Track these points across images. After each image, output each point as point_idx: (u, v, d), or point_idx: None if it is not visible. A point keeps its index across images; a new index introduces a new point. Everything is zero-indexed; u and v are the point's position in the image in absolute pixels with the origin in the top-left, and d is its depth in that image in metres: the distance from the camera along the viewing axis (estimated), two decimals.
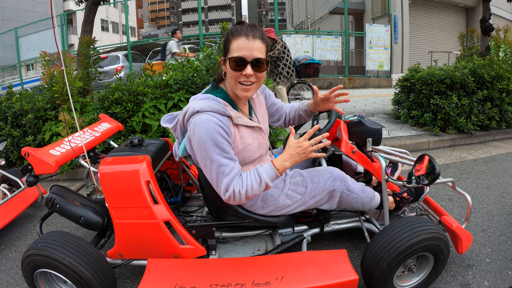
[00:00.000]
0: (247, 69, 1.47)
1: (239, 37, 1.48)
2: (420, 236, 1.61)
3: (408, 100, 5.21)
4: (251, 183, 1.47)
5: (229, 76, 1.54)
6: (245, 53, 1.46)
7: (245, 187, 1.47)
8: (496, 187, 3.25)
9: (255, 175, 1.48)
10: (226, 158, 1.47)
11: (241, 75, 1.49)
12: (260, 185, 1.47)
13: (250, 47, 1.47)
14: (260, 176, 1.47)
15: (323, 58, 11.45)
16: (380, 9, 12.96)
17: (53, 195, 1.95)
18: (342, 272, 1.55)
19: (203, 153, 1.46)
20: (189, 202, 2.37)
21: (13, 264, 2.36)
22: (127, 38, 11.58)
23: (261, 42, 1.50)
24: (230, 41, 1.51)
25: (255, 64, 1.48)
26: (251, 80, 1.50)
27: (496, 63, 4.89)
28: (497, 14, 13.67)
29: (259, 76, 1.52)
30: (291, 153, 1.50)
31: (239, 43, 1.47)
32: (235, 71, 1.49)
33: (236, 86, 1.53)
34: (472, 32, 7.46)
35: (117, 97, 3.78)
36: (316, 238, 2.36)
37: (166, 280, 1.56)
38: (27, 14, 22.14)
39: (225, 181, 1.47)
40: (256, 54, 1.47)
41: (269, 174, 1.48)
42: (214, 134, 1.45)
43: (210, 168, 1.48)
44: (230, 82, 1.55)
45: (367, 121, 1.98)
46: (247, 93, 1.54)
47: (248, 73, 1.48)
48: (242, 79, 1.50)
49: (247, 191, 1.47)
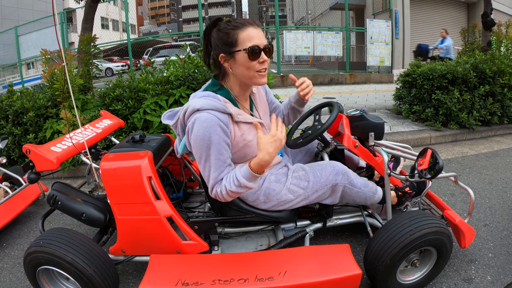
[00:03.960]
0: (263, 56, 1.51)
1: (246, 28, 1.50)
2: (423, 231, 1.61)
3: (410, 95, 5.19)
4: (230, 185, 1.48)
5: (243, 68, 1.53)
6: (258, 41, 1.50)
7: (225, 189, 1.49)
8: (498, 182, 3.24)
9: (234, 178, 1.47)
10: (219, 160, 1.50)
11: (257, 63, 1.52)
12: (239, 187, 1.46)
13: (260, 35, 1.52)
14: (237, 178, 1.46)
15: (324, 53, 11.44)
16: (381, 4, 12.93)
17: (55, 192, 1.94)
18: (345, 266, 1.55)
19: (199, 150, 1.50)
20: (191, 198, 2.37)
21: (16, 262, 2.36)
22: (127, 35, 11.56)
23: (262, 30, 1.56)
24: (235, 34, 1.50)
25: (267, 50, 1.53)
26: (265, 66, 1.54)
27: (498, 58, 4.86)
28: (499, 9, 13.59)
29: (268, 61, 1.57)
30: (270, 151, 1.40)
31: (249, 33, 1.49)
32: (252, 61, 1.50)
33: (254, 75, 1.55)
34: (474, 27, 7.42)
35: (118, 94, 3.77)
36: (319, 233, 2.36)
37: (168, 276, 1.56)
38: (27, 12, 22.09)
39: (213, 182, 1.53)
40: (264, 40, 1.53)
41: (245, 176, 1.44)
42: (213, 133, 1.46)
43: (204, 165, 1.52)
44: (244, 73, 1.55)
45: (369, 116, 1.97)
46: (264, 79, 1.58)
47: (265, 59, 1.52)
48: (259, 67, 1.53)
49: (228, 192, 1.49)
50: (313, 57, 15.50)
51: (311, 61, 16.91)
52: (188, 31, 28.79)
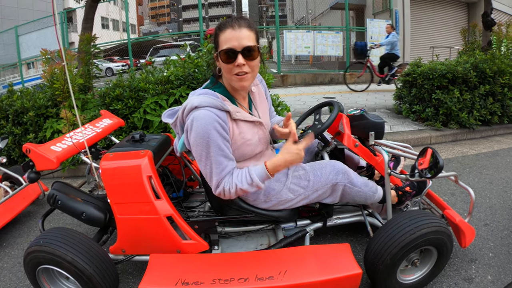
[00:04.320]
0: (238, 59, 1.45)
1: (226, 30, 1.48)
2: (424, 230, 1.61)
3: (410, 95, 5.18)
4: (241, 183, 1.49)
5: (223, 70, 1.54)
6: (234, 44, 1.45)
7: (235, 186, 1.49)
8: (498, 181, 3.23)
9: (247, 176, 1.50)
10: (221, 155, 1.49)
11: (234, 66, 1.47)
12: (251, 186, 1.50)
13: (237, 36, 1.45)
14: (251, 177, 1.49)
15: (324, 53, 11.43)
16: (381, 4, 12.93)
17: (55, 191, 1.94)
18: (345, 266, 1.54)
19: (199, 148, 1.48)
20: (191, 197, 2.37)
21: (16, 261, 2.36)
22: (127, 35, 11.56)
23: (249, 30, 1.48)
24: (218, 36, 1.51)
25: (246, 53, 1.46)
26: (244, 70, 1.48)
27: (498, 58, 4.85)
28: (499, 9, 13.58)
29: (252, 64, 1.50)
30: (288, 160, 1.48)
31: (226, 35, 1.47)
32: (227, 64, 1.48)
33: (232, 79, 1.52)
34: (474, 27, 7.41)
35: (118, 93, 3.77)
36: (319, 232, 2.35)
37: (168, 276, 1.56)
38: (27, 12, 22.09)
39: (217, 178, 1.51)
40: (245, 42, 1.45)
41: (260, 176, 1.50)
42: (212, 130, 1.45)
43: (205, 163, 1.50)
44: (226, 75, 1.55)
45: (369, 115, 1.97)
46: (243, 83, 1.52)
47: (240, 63, 1.45)
48: (236, 71, 1.48)
49: (237, 190, 1.50)
50: (313, 57, 15.50)
51: (311, 61, 16.91)
52: (188, 31, 28.82)
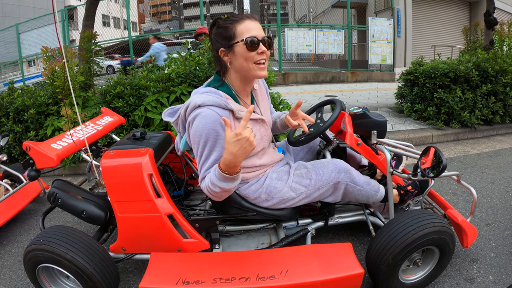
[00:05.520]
0: (261, 47, 1.52)
1: (243, 21, 1.53)
2: (426, 230, 1.60)
3: (412, 93, 5.17)
4: (208, 183, 1.46)
5: (242, 60, 1.54)
6: (256, 33, 1.52)
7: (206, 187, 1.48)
8: (500, 181, 3.22)
9: (211, 176, 1.45)
10: (216, 153, 1.49)
11: (256, 54, 1.52)
12: (215, 187, 1.42)
13: (258, 27, 1.54)
14: (211, 178, 1.44)
15: (326, 51, 11.41)
16: (383, 2, 12.87)
17: (55, 189, 1.93)
18: (347, 265, 1.53)
19: (195, 145, 1.51)
20: (192, 196, 2.36)
21: (16, 260, 2.36)
22: (128, 33, 11.56)
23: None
24: (233, 28, 1.53)
25: (265, 41, 1.54)
26: (264, 57, 1.55)
27: (500, 57, 4.84)
28: (501, 8, 13.54)
29: (268, 54, 1.57)
30: (232, 151, 1.31)
31: (247, 25, 1.52)
32: (251, 51, 1.51)
33: (252, 68, 1.55)
34: (476, 26, 7.38)
35: (119, 91, 3.76)
36: (320, 231, 2.35)
37: (169, 274, 1.55)
38: (28, 10, 22.07)
39: (200, 176, 1.53)
40: (263, 33, 1.54)
41: (215, 175, 1.42)
42: (211, 130, 1.46)
43: (203, 161, 1.52)
44: (244, 65, 1.55)
45: (371, 114, 1.96)
46: (264, 71, 1.58)
47: (264, 50, 1.53)
48: (258, 58, 1.53)
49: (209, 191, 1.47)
50: (314, 55, 15.46)
51: (313, 59, 16.88)
52: (189, 29, 28.72)
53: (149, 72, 3.98)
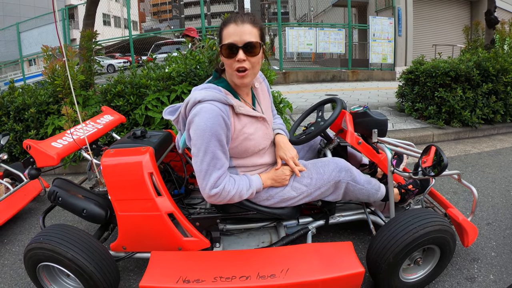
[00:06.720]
0: (239, 54, 1.45)
1: (229, 25, 1.48)
2: (427, 229, 1.59)
3: (412, 92, 5.16)
4: (242, 187, 1.55)
5: (225, 65, 1.54)
6: (235, 39, 1.45)
7: (236, 189, 1.53)
8: (501, 180, 3.22)
9: (246, 182, 1.58)
10: (221, 152, 1.48)
11: (234, 61, 1.47)
12: (247, 192, 1.57)
13: (240, 31, 1.45)
14: (250, 184, 1.58)
15: (327, 50, 11.40)
16: (384, 1, 12.86)
17: (56, 188, 1.93)
18: (348, 264, 1.53)
19: (199, 141, 1.45)
20: (192, 194, 2.36)
21: (16, 258, 2.36)
22: (129, 32, 11.54)
23: (252, 26, 1.48)
24: (222, 31, 1.51)
25: (247, 49, 1.46)
26: (244, 66, 1.48)
27: (501, 56, 4.83)
28: (502, 7, 13.51)
29: (253, 61, 1.50)
30: (274, 178, 1.68)
31: (229, 30, 1.47)
32: (228, 58, 1.48)
33: (233, 74, 1.52)
34: (477, 25, 7.37)
35: (119, 90, 3.76)
36: (321, 230, 2.34)
37: (169, 273, 1.55)
38: (29, 9, 22.09)
39: (216, 175, 1.49)
40: (246, 38, 1.45)
41: (256, 185, 1.63)
42: (215, 125, 1.44)
43: (202, 158, 1.47)
44: (227, 71, 1.55)
45: (372, 112, 1.95)
46: (243, 80, 1.52)
47: (240, 58, 1.45)
48: (236, 66, 1.48)
49: (236, 193, 1.54)
50: (315, 54, 15.47)
51: (314, 58, 16.88)
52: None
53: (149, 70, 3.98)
